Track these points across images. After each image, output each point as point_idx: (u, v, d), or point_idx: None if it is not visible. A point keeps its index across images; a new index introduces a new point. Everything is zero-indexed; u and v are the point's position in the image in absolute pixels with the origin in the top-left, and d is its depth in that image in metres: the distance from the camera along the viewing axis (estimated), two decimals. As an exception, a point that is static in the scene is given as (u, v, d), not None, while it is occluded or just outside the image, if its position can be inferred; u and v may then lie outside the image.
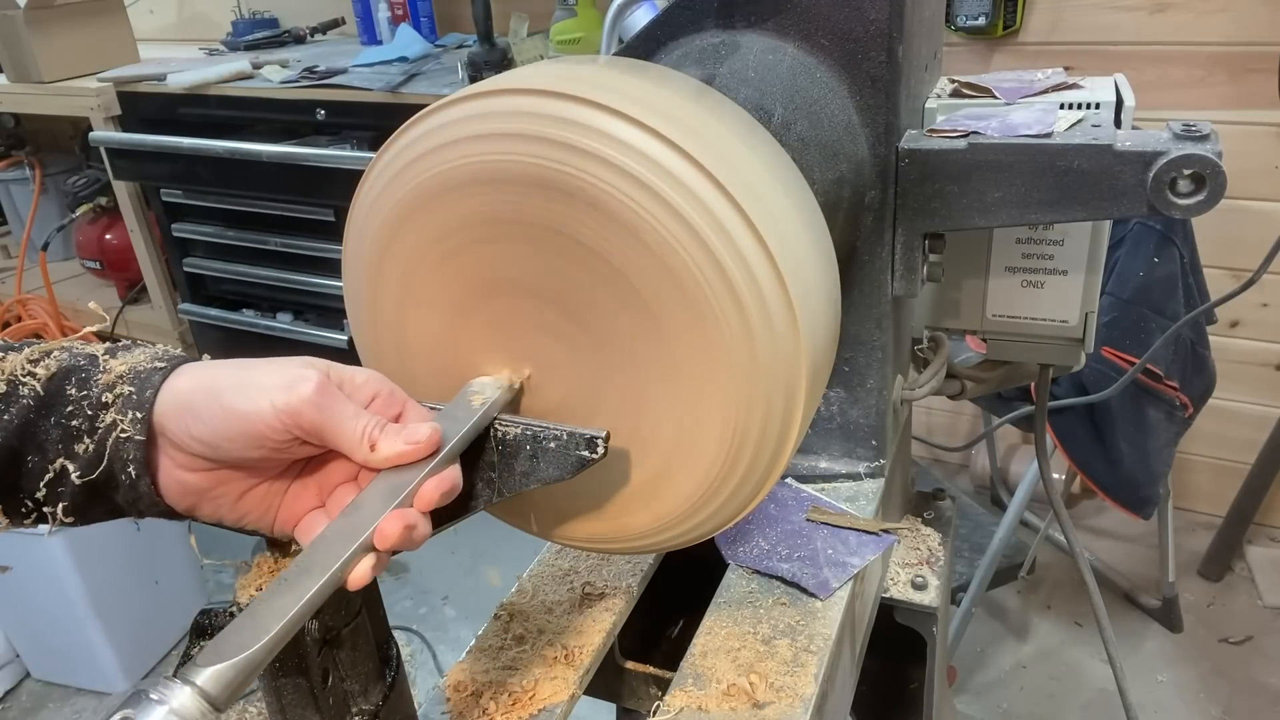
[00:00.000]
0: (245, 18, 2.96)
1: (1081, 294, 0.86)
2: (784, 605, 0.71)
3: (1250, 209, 2.03)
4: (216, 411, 0.47)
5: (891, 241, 0.77)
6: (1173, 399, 1.69)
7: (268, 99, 2.28)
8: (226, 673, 0.41)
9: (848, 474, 0.86)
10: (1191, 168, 0.64)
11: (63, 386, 0.48)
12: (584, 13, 2.26)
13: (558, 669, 0.68)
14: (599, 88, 0.51)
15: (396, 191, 0.56)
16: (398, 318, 0.60)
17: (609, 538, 0.62)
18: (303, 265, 2.43)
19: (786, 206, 0.55)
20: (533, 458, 0.53)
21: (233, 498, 0.51)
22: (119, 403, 0.48)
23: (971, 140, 0.71)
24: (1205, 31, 1.95)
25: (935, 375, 0.91)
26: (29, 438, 0.48)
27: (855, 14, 0.70)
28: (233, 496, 0.51)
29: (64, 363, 0.49)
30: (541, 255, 0.53)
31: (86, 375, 0.49)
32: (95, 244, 2.94)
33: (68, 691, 2.17)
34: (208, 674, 0.40)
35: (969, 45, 2.17)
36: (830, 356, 0.60)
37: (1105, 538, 2.38)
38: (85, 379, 0.49)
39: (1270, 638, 2.06)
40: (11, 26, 2.50)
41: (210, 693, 0.40)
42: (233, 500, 0.51)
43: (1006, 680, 2.01)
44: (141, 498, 0.49)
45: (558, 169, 0.51)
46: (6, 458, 0.47)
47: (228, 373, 0.49)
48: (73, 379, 0.49)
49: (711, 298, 0.51)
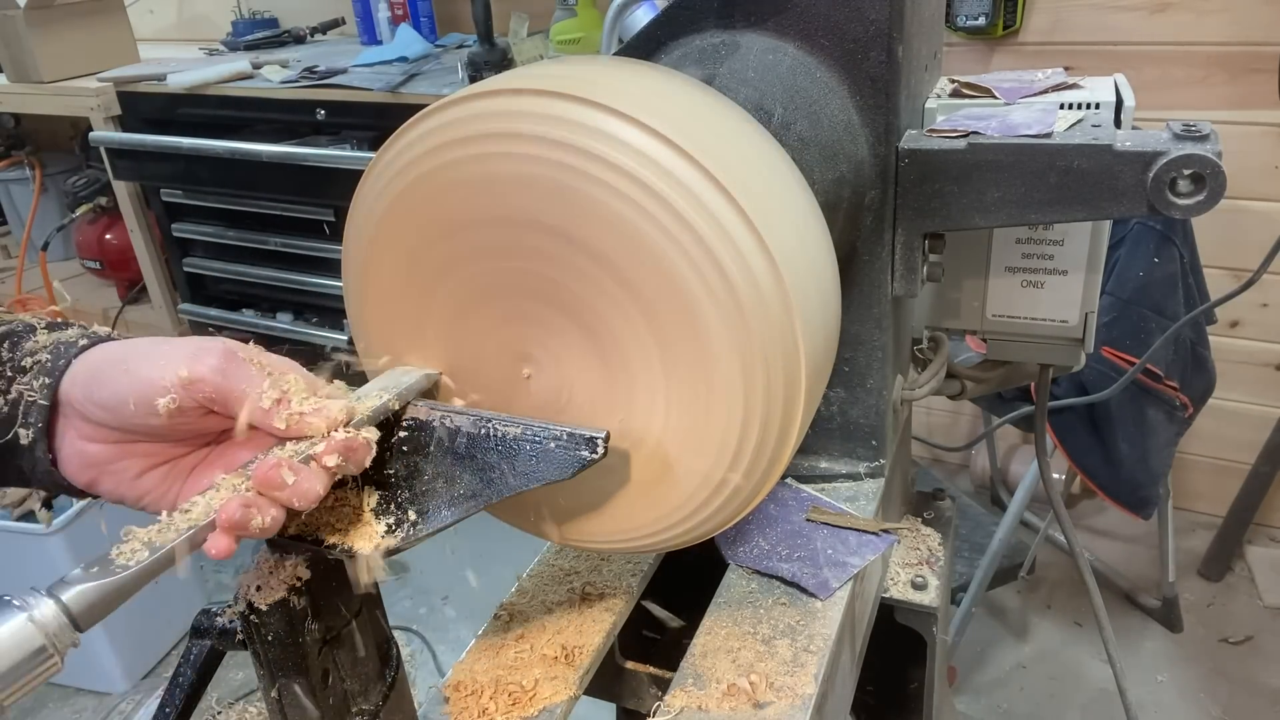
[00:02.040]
0: (245, 18, 2.96)
1: (1081, 294, 0.86)
2: (784, 605, 0.71)
3: (1250, 209, 2.03)
4: (121, 377, 0.49)
5: (891, 241, 0.77)
6: (1173, 399, 1.69)
7: (268, 99, 2.28)
8: (92, 593, 0.41)
9: (848, 474, 0.86)
10: (1191, 168, 0.64)
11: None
12: (584, 13, 2.26)
13: (558, 669, 0.68)
14: (599, 88, 0.51)
15: (396, 191, 0.56)
16: (398, 317, 0.60)
17: (609, 537, 0.62)
18: (303, 265, 2.43)
19: (786, 206, 0.55)
20: (533, 458, 0.53)
21: (133, 473, 0.52)
22: (35, 369, 0.50)
23: (971, 140, 0.71)
24: (1205, 31, 1.95)
25: (935, 375, 0.91)
26: None
27: (855, 14, 0.70)
28: (133, 472, 0.52)
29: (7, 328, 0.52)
30: (542, 255, 0.54)
31: (19, 341, 0.51)
32: (95, 244, 2.94)
33: (68, 691, 2.17)
34: (74, 591, 0.41)
35: (969, 45, 2.17)
36: (830, 356, 0.60)
37: (1105, 538, 2.38)
38: (16, 344, 0.51)
39: (1270, 638, 2.06)
40: (11, 26, 2.50)
41: (72, 609, 0.41)
42: (133, 476, 0.52)
43: (1006, 680, 2.01)
44: (38, 463, 0.50)
45: (557, 169, 0.51)
46: None
47: (140, 345, 0.51)
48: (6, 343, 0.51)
49: (711, 297, 0.51)
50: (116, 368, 0.49)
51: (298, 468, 0.47)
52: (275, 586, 0.53)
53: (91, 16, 2.63)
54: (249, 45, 2.78)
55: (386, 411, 0.54)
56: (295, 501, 0.47)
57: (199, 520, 0.45)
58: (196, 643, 0.57)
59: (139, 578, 0.43)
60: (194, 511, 0.46)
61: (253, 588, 0.53)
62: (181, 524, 0.45)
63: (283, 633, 0.51)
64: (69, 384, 0.50)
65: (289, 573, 0.53)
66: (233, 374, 0.49)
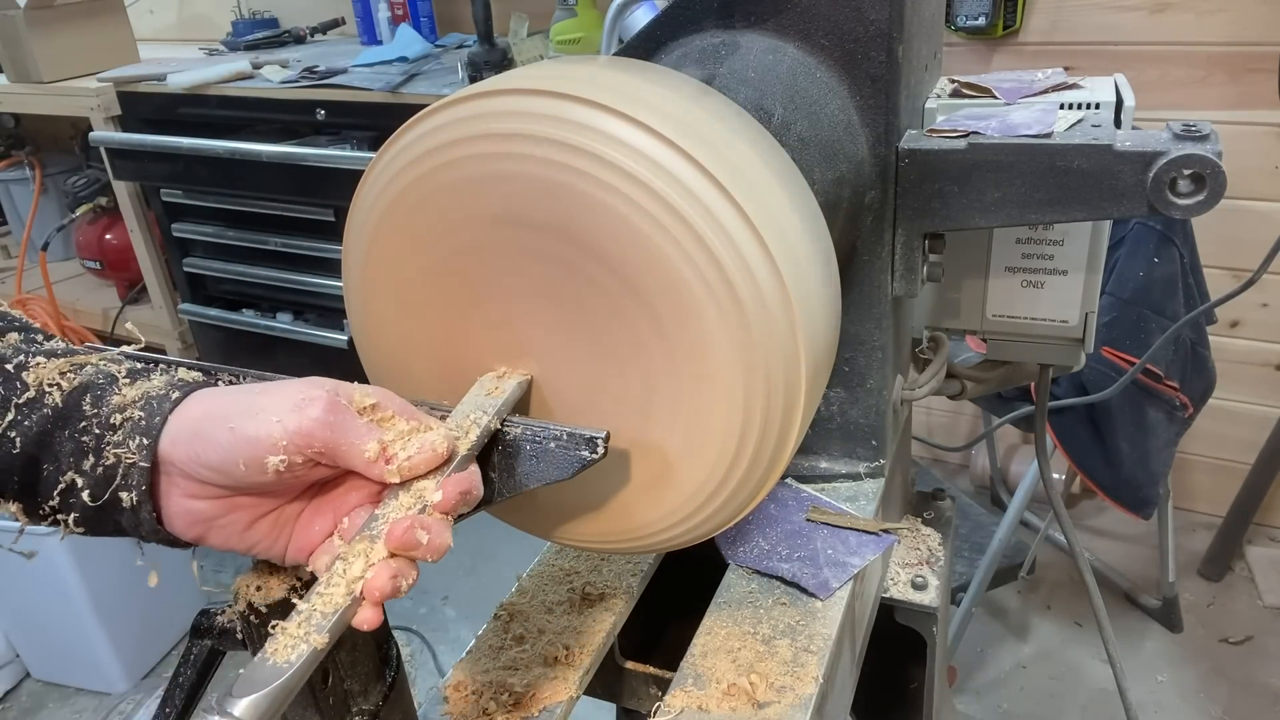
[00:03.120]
0: (245, 18, 2.96)
1: (1081, 294, 0.86)
2: (784, 605, 0.71)
3: (1250, 209, 2.03)
4: (225, 437, 0.47)
5: (891, 241, 0.77)
6: (1173, 399, 1.69)
7: (268, 99, 2.28)
8: (262, 702, 0.41)
9: (848, 474, 0.86)
10: (1191, 168, 0.64)
11: (80, 401, 0.49)
12: (584, 13, 2.25)
13: (558, 669, 0.68)
14: (599, 88, 0.51)
15: (396, 191, 0.56)
16: (398, 317, 0.60)
17: (609, 537, 0.62)
18: (303, 265, 2.43)
19: (785, 206, 0.55)
20: (533, 458, 0.53)
21: (242, 526, 0.51)
22: (127, 426, 0.48)
23: (971, 140, 0.71)
24: (1205, 32, 1.95)
25: (935, 375, 0.91)
26: (45, 447, 0.48)
27: (855, 14, 0.70)
28: (242, 525, 0.50)
29: (87, 377, 0.50)
30: (541, 254, 0.54)
31: (102, 394, 0.49)
32: (95, 244, 2.94)
33: (68, 691, 2.17)
34: (244, 704, 0.41)
35: (969, 45, 2.17)
36: (830, 355, 0.60)
37: (1105, 538, 2.38)
38: (100, 397, 0.49)
39: (1270, 638, 2.06)
40: (11, 26, 2.50)
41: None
42: (242, 528, 0.51)
43: (1006, 680, 2.01)
44: (143, 524, 0.49)
45: (557, 169, 0.51)
46: (26, 462, 0.48)
47: (238, 398, 0.49)
48: (89, 395, 0.49)
49: (710, 297, 0.51)
50: (219, 426, 0.47)
51: (428, 524, 0.47)
52: (275, 586, 0.53)
53: (91, 16, 2.63)
54: (249, 45, 2.78)
55: (489, 434, 0.53)
56: (430, 557, 0.47)
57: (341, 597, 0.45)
58: (196, 643, 0.57)
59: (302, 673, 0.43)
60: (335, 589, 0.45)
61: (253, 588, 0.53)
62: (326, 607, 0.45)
63: (283, 633, 0.51)
64: (168, 444, 0.48)
65: (289, 573, 0.53)
66: (339, 426, 0.48)
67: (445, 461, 0.50)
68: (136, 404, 0.49)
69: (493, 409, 0.54)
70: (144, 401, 0.49)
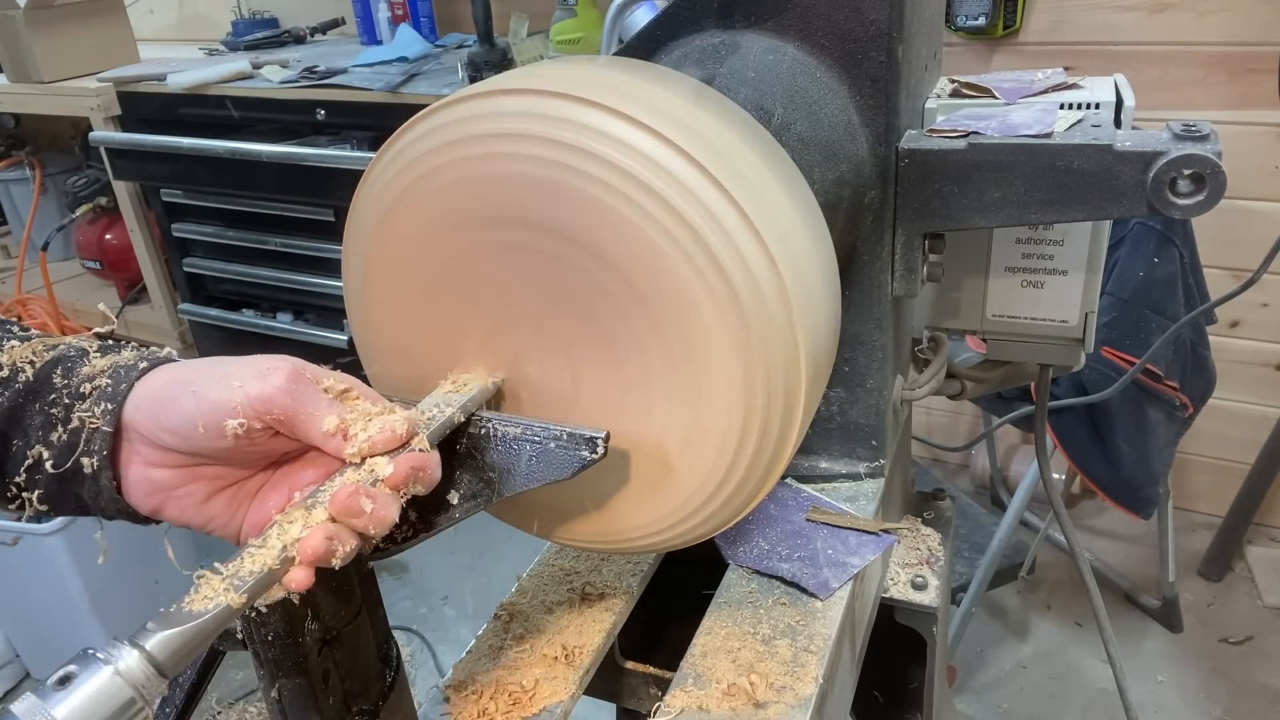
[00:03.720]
0: (245, 18, 2.96)
1: (1081, 294, 0.86)
2: (784, 605, 0.71)
3: (1250, 209, 2.03)
4: (188, 401, 0.48)
5: (891, 241, 0.77)
6: (1173, 399, 1.69)
7: (268, 99, 2.28)
8: (175, 639, 0.41)
9: (848, 474, 0.86)
10: (1191, 168, 0.64)
11: (50, 374, 0.49)
12: (584, 13, 2.25)
13: (558, 669, 0.68)
14: (599, 87, 0.51)
15: (396, 191, 0.56)
16: (398, 317, 0.60)
17: (610, 537, 0.62)
18: (303, 265, 2.43)
19: (785, 206, 0.55)
20: (533, 458, 0.53)
21: (200, 498, 0.51)
22: (95, 394, 0.49)
23: (971, 140, 0.71)
24: (1205, 32, 1.95)
25: (935, 375, 0.91)
26: (15, 422, 0.49)
27: (855, 14, 0.70)
28: (200, 497, 0.51)
29: (59, 353, 0.50)
30: (541, 254, 0.54)
31: (72, 365, 0.50)
32: (95, 244, 2.94)
33: (68, 691, 2.17)
34: (157, 639, 0.41)
35: (969, 45, 2.17)
36: (830, 355, 0.60)
37: (1105, 538, 2.38)
38: (70, 369, 0.50)
39: (1270, 638, 2.06)
40: (11, 26, 2.50)
41: (158, 658, 0.40)
42: (200, 501, 0.51)
43: (1006, 680, 2.01)
44: (102, 492, 0.49)
45: (557, 168, 0.51)
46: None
47: (205, 367, 0.50)
48: (60, 368, 0.50)
49: (709, 296, 0.51)
50: (183, 390, 0.48)
51: (374, 494, 0.47)
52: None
53: (91, 16, 2.63)
54: (249, 45, 2.78)
55: (451, 425, 0.53)
56: (372, 529, 0.47)
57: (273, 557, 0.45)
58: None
59: (220, 620, 0.42)
60: (269, 547, 0.45)
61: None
62: (260, 561, 0.44)
63: (283, 633, 0.51)
64: (132, 409, 0.48)
65: (289, 573, 0.53)
66: (300, 395, 0.48)
67: (404, 445, 0.49)
68: (105, 373, 0.50)
69: (458, 403, 0.54)
70: (112, 370, 0.50)
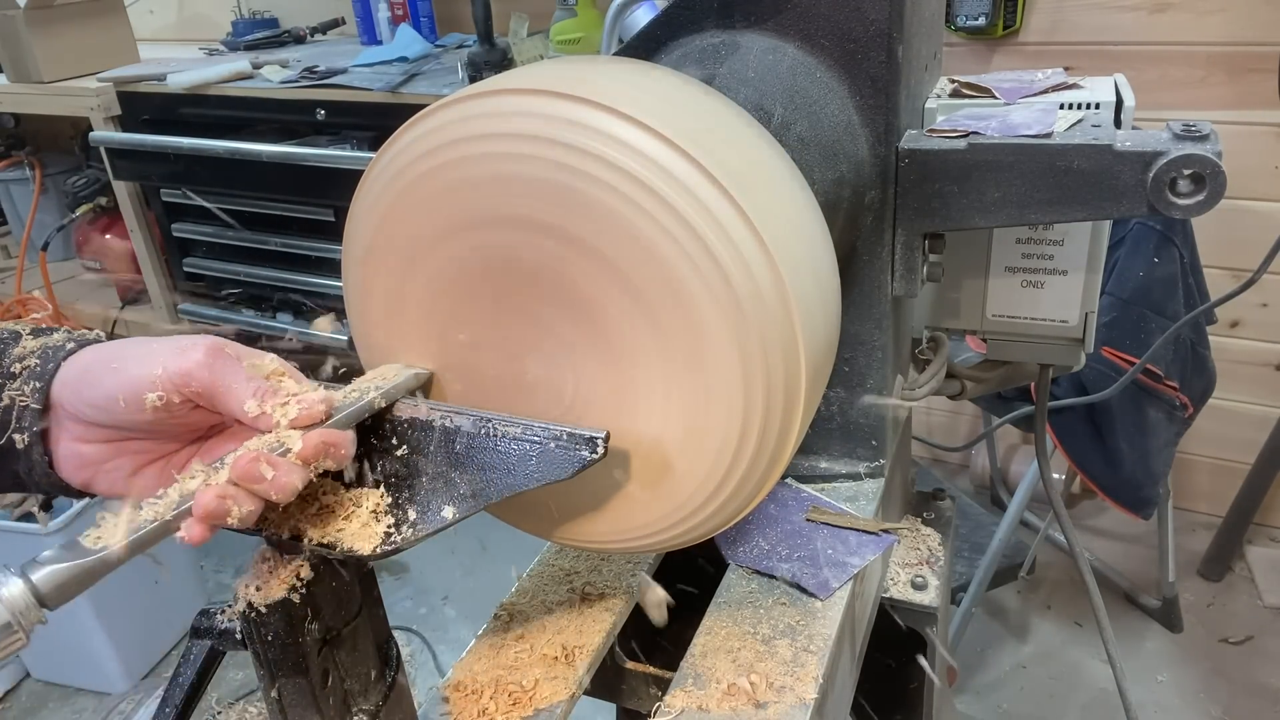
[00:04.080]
0: (245, 18, 2.96)
1: (1081, 294, 0.86)
2: (784, 605, 0.71)
3: (1250, 209, 2.03)
4: (109, 376, 0.49)
5: (891, 241, 0.77)
6: (1173, 399, 1.69)
7: (268, 99, 2.28)
8: (62, 573, 0.42)
9: (848, 474, 0.86)
10: (1191, 168, 0.64)
11: None
12: (584, 13, 2.25)
13: (558, 669, 0.68)
14: (599, 88, 0.51)
15: (396, 191, 0.56)
16: (398, 316, 0.60)
17: (609, 537, 0.62)
18: (303, 265, 2.43)
19: (785, 206, 0.55)
20: (533, 458, 0.53)
21: (127, 471, 0.53)
22: (25, 374, 0.51)
23: (971, 140, 0.71)
24: (1205, 32, 1.95)
25: (935, 375, 0.91)
26: None
27: (855, 14, 0.70)
28: (127, 470, 0.53)
29: None
30: (541, 254, 0.54)
31: (4, 348, 0.52)
32: (95, 244, 2.94)
33: (68, 691, 2.17)
34: (44, 571, 0.42)
35: (969, 45, 2.17)
36: (830, 355, 0.60)
37: (1105, 538, 2.38)
38: (2, 351, 0.52)
39: (1270, 638, 2.06)
40: (11, 26, 2.50)
41: (41, 589, 0.41)
42: (127, 474, 0.53)
43: (1006, 680, 2.01)
44: (35, 467, 0.51)
45: (557, 168, 0.51)
46: None
47: (130, 346, 0.51)
48: None
49: (709, 295, 0.51)
50: (105, 367, 0.50)
51: (276, 461, 0.47)
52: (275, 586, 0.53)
53: (91, 16, 2.63)
54: (249, 45, 2.78)
55: (370, 409, 0.53)
56: (273, 494, 0.47)
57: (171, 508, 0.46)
58: (196, 643, 0.57)
59: (109, 561, 0.43)
60: (167, 499, 0.46)
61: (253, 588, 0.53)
62: (154, 511, 0.45)
63: (283, 633, 0.51)
64: (59, 386, 0.51)
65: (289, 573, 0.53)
66: (219, 369, 0.50)
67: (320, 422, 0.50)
68: (35, 354, 0.52)
69: (380, 390, 0.55)
70: (41, 351, 0.52)
